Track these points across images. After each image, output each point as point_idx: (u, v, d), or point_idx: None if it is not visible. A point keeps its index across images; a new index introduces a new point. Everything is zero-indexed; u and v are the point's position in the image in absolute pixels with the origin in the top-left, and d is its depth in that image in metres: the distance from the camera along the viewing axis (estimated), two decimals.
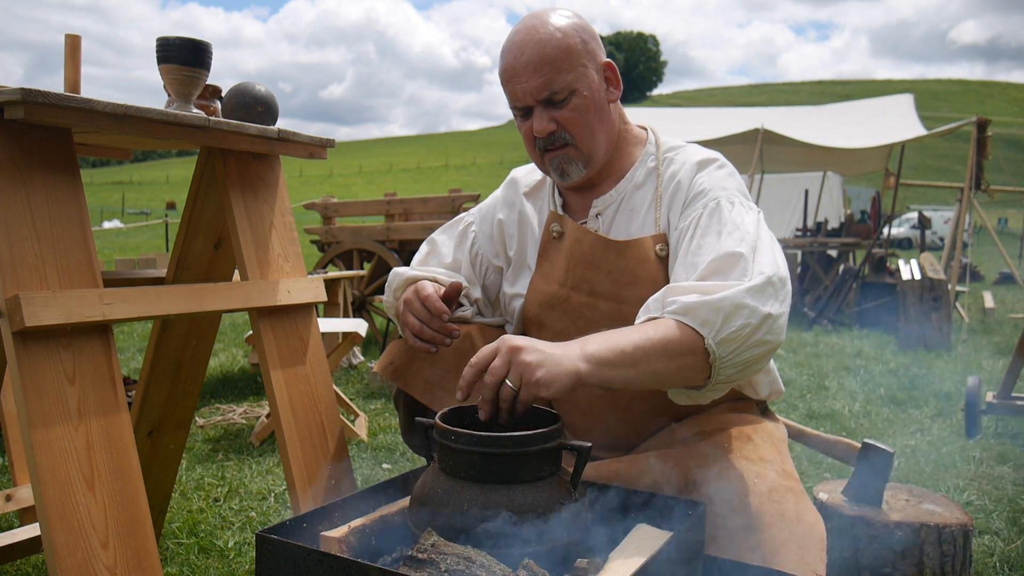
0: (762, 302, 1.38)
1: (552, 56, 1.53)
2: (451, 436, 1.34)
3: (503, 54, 1.60)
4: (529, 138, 1.62)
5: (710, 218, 1.52)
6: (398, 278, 1.75)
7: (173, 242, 1.99)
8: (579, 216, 1.69)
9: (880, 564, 1.92)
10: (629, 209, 1.64)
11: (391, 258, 6.29)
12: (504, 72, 1.59)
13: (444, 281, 1.71)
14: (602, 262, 1.61)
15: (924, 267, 6.39)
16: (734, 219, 1.50)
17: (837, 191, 13.61)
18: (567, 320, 1.64)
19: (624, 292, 1.59)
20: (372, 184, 65.24)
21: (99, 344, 1.43)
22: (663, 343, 1.34)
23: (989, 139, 7.76)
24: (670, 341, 1.34)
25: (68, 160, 1.45)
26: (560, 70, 1.54)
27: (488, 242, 1.83)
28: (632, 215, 1.63)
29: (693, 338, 1.35)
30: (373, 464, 3.21)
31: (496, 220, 1.82)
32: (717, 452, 1.55)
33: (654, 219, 1.61)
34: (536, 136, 1.60)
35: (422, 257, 1.86)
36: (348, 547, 1.35)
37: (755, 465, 1.53)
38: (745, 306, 1.35)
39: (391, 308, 1.78)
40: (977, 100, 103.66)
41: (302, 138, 1.84)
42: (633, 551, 1.32)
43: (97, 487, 1.35)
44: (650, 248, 1.58)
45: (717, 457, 1.54)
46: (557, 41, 1.54)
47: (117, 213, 39.78)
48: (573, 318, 1.63)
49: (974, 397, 3.54)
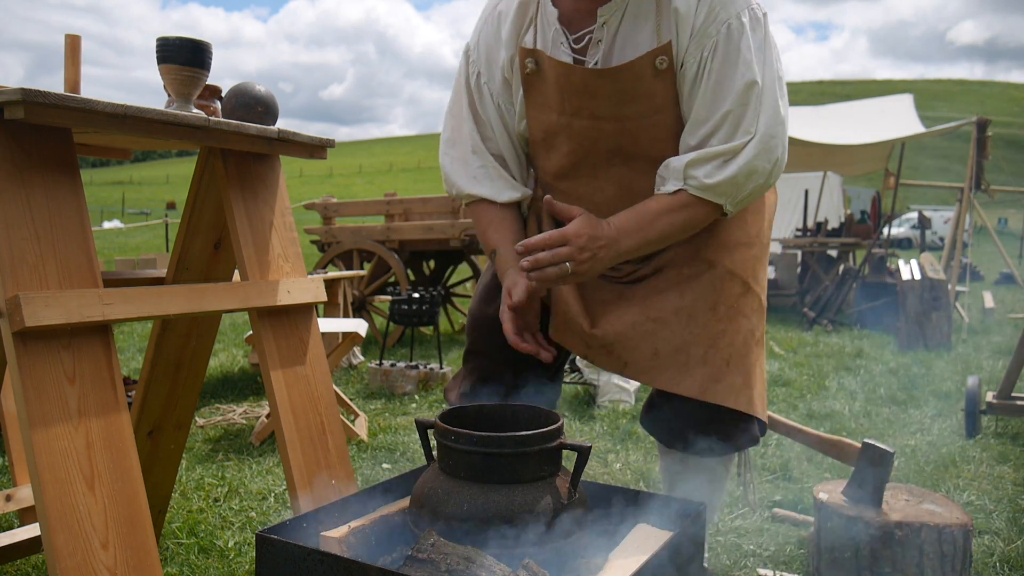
0: (769, 155, 1.54)
1: None
2: (451, 436, 1.34)
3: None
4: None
5: (727, 45, 1.51)
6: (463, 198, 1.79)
7: (173, 242, 1.99)
8: (583, 26, 1.60)
9: (880, 565, 1.92)
10: (634, 15, 1.55)
11: (391, 258, 6.30)
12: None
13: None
14: (597, 89, 1.58)
15: (924, 267, 6.39)
16: (746, 45, 1.52)
17: (837, 191, 13.60)
18: (574, 142, 1.66)
19: (625, 110, 1.60)
20: (372, 184, 65.25)
21: (99, 344, 1.43)
22: (685, 220, 1.58)
23: (989, 139, 7.75)
24: (692, 217, 1.58)
25: (68, 160, 1.45)
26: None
27: (504, 90, 1.73)
28: (636, 23, 1.56)
29: (713, 208, 1.58)
30: (373, 464, 3.21)
31: (501, 63, 1.70)
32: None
33: (655, 27, 1.54)
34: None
35: (470, 171, 1.75)
36: (348, 547, 1.36)
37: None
38: (756, 169, 1.53)
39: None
40: (977, 100, 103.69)
41: (302, 138, 1.84)
42: (633, 551, 1.32)
43: (97, 487, 1.35)
44: (647, 66, 1.55)
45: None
46: None
47: (117, 213, 39.80)
48: (580, 140, 1.65)
49: (974, 397, 3.54)
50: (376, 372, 4.75)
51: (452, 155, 1.79)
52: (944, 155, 61.97)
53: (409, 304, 4.73)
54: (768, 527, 2.45)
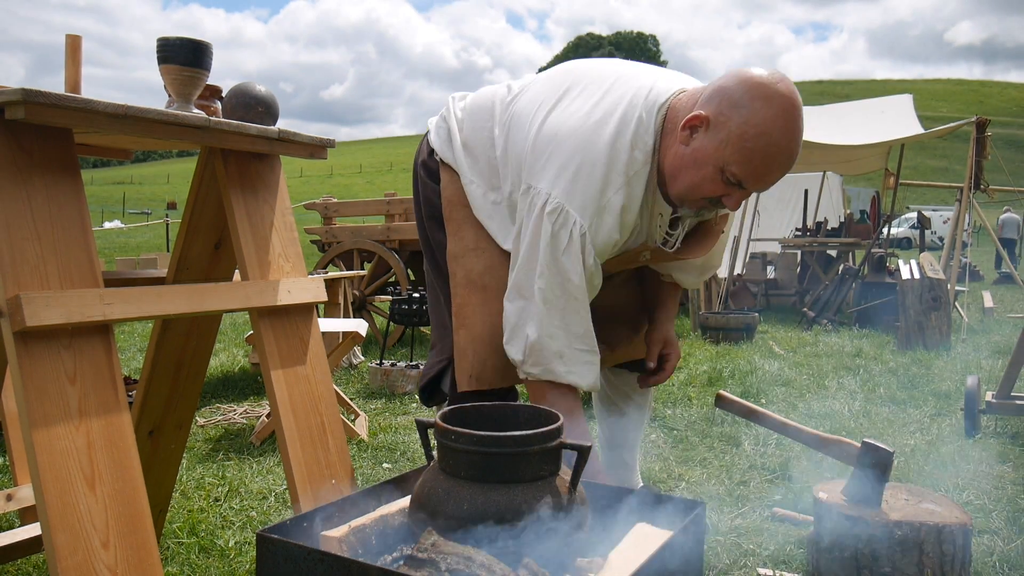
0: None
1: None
2: (451, 436, 1.34)
3: (765, 132, 1.62)
4: (709, 191, 1.73)
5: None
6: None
7: (174, 242, 1.99)
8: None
9: (880, 564, 1.92)
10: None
11: (391, 258, 6.30)
12: (758, 154, 1.64)
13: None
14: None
15: (924, 267, 6.39)
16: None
17: (837, 191, 13.59)
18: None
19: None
20: (372, 184, 65.21)
21: (100, 344, 1.43)
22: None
23: (988, 139, 7.75)
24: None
25: (69, 160, 1.45)
26: None
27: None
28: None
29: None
30: (373, 464, 3.21)
31: (620, 216, 1.77)
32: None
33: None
34: (722, 200, 1.75)
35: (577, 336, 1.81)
36: (348, 547, 1.36)
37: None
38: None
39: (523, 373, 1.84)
40: (976, 100, 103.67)
41: (302, 138, 1.84)
42: (633, 551, 1.33)
43: (98, 487, 1.36)
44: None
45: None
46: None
47: (118, 213, 39.78)
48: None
49: (973, 397, 3.54)
50: (376, 372, 4.76)
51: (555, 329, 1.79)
52: (944, 155, 61.94)
53: (409, 304, 4.73)
54: (768, 526, 2.46)
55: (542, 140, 1.78)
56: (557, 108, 1.82)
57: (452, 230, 2.00)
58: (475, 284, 1.95)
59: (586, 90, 1.84)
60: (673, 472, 3.02)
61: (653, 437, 3.52)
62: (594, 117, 1.76)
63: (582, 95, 1.83)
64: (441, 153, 2.06)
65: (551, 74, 1.99)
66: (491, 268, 1.95)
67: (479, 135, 1.99)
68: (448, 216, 2.02)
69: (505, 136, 1.92)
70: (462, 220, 2.00)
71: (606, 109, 1.77)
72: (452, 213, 2.01)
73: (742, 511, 2.57)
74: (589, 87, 1.84)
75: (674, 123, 1.75)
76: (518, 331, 1.78)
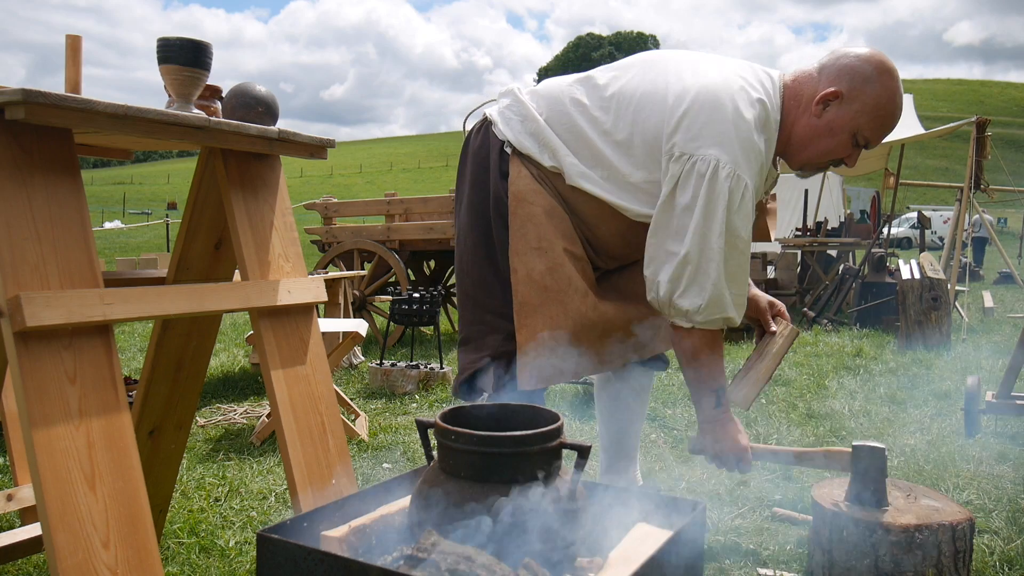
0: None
1: None
2: (451, 436, 1.34)
3: (893, 100, 1.96)
4: (840, 153, 2.02)
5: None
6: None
7: (174, 242, 1.99)
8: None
9: (879, 562, 1.92)
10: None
11: (391, 258, 6.30)
12: (888, 118, 1.96)
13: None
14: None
15: (924, 267, 6.39)
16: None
17: (837, 191, 13.60)
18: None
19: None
20: (373, 184, 65.21)
21: (100, 344, 1.43)
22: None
23: (988, 139, 7.75)
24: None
25: (69, 160, 1.45)
26: None
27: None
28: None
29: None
30: (373, 464, 3.21)
31: (760, 176, 1.98)
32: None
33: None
34: (844, 160, 2.04)
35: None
36: (348, 547, 1.36)
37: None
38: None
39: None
40: (976, 100, 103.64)
41: (302, 138, 1.84)
42: (633, 551, 1.33)
43: (98, 487, 1.36)
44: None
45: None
46: None
47: (118, 213, 39.79)
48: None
49: (973, 396, 3.54)
50: (376, 372, 4.76)
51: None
52: (944, 155, 61.95)
53: (409, 304, 4.73)
54: (768, 527, 2.46)
55: (693, 111, 1.90)
56: (685, 79, 1.96)
57: (516, 226, 2.03)
58: (536, 284, 2.00)
59: (701, 61, 2.04)
60: (673, 472, 3.02)
61: (653, 437, 3.52)
62: (734, 86, 1.93)
63: (701, 67, 2.00)
64: (517, 143, 2.08)
65: (645, 58, 2.12)
66: (552, 269, 2.00)
67: (562, 119, 2.08)
68: (513, 211, 2.04)
69: (619, 116, 2.01)
70: (526, 217, 2.03)
71: (739, 83, 1.96)
72: (517, 208, 2.04)
73: (742, 511, 2.58)
74: (701, 62, 2.03)
75: (796, 99, 2.00)
76: (693, 286, 1.93)
